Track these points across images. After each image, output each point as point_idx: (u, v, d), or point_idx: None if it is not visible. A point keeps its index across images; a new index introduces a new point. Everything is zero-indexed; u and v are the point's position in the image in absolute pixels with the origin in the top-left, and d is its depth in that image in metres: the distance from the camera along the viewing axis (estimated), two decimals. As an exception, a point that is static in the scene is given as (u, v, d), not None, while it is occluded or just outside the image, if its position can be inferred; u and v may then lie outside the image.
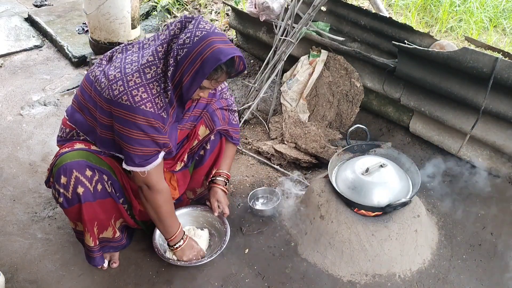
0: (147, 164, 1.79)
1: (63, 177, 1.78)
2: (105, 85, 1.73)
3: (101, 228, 1.96)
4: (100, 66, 1.84)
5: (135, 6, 3.54)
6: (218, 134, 2.21)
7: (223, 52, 1.64)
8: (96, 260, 2.02)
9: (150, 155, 1.79)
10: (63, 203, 1.82)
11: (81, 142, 1.89)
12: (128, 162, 1.79)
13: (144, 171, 1.80)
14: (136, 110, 1.68)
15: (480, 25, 4.02)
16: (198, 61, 1.64)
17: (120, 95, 1.68)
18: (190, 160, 2.20)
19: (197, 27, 1.68)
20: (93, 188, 1.84)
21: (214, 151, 2.23)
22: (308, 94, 2.98)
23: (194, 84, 1.69)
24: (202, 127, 2.14)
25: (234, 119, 2.26)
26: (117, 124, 1.73)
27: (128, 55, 1.80)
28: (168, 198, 1.95)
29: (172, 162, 2.11)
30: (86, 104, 1.84)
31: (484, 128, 2.44)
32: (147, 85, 1.70)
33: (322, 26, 3.12)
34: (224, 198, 2.23)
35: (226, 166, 2.27)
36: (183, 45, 1.66)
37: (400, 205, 2.03)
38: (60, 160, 1.80)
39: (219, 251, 2.08)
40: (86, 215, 1.86)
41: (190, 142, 2.13)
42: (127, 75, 1.70)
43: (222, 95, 2.19)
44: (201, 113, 2.09)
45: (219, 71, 1.70)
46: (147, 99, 1.69)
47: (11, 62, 3.82)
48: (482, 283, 2.06)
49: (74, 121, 1.90)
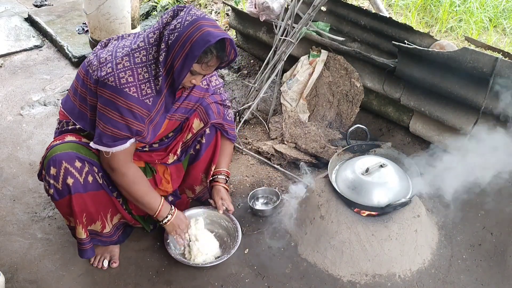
0: (113, 146, 1.81)
1: (52, 168, 1.80)
2: (96, 67, 1.77)
3: (89, 221, 1.97)
4: (95, 51, 1.89)
5: (135, 6, 3.54)
6: (214, 128, 2.21)
7: (212, 34, 1.67)
8: (88, 253, 2.00)
9: (119, 138, 1.80)
10: (54, 195, 1.84)
11: (72, 134, 1.92)
12: (96, 140, 1.82)
13: (108, 151, 1.81)
14: (119, 91, 1.72)
15: (480, 25, 4.02)
16: (188, 44, 1.67)
17: (107, 76, 1.72)
18: (183, 155, 2.20)
19: (188, 13, 1.72)
20: (83, 180, 1.85)
21: (210, 146, 2.23)
22: (308, 94, 2.98)
23: (184, 68, 1.71)
24: (196, 121, 2.14)
25: (229, 115, 2.26)
26: (99, 103, 1.77)
27: (122, 41, 1.85)
28: (136, 179, 1.93)
29: (164, 153, 2.11)
30: (79, 89, 1.87)
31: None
32: (135, 69, 1.74)
33: (322, 26, 3.12)
34: (227, 195, 2.24)
35: (225, 164, 2.28)
36: (174, 30, 1.70)
37: (400, 205, 2.04)
38: (51, 152, 1.82)
39: (236, 247, 2.08)
40: (76, 206, 1.87)
41: (183, 134, 2.13)
42: (117, 58, 1.75)
43: (216, 90, 2.19)
44: (193, 106, 2.08)
45: (209, 54, 1.72)
46: (132, 83, 1.73)
47: (11, 62, 3.82)
48: (482, 283, 2.06)
49: (68, 108, 1.94)
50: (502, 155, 2.07)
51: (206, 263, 2.06)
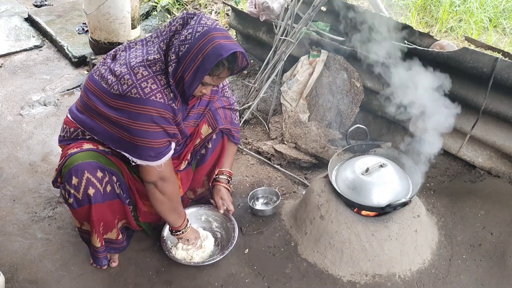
0: (162, 156, 1.79)
1: (74, 178, 1.77)
2: (113, 81, 1.72)
3: (106, 229, 1.96)
4: (105, 64, 1.84)
5: (135, 6, 3.54)
6: (220, 133, 2.21)
7: (224, 48, 1.64)
8: (101, 260, 2.03)
9: (164, 147, 1.79)
10: (73, 204, 1.82)
11: (89, 142, 1.87)
12: (142, 157, 1.77)
13: (160, 164, 1.79)
14: (146, 101, 1.68)
15: (480, 25, 4.02)
16: (199, 57, 1.64)
17: (129, 89, 1.68)
18: (193, 159, 2.21)
19: (198, 23, 1.68)
20: (103, 189, 1.83)
21: (216, 150, 2.24)
22: (308, 94, 2.98)
23: (195, 80, 1.69)
24: (205, 126, 2.14)
25: (236, 118, 2.27)
26: (127, 119, 1.71)
27: (132, 52, 1.80)
28: (178, 187, 2.00)
29: (178, 161, 2.12)
30: (92, 104, 1.81)
31: (484, 128, 2.44)
32: (155, 77, 1.71)
33: (322, 26, 3.12)
34: (228, 195, 2.25)
35: (228, 164, 2.28)
36: (185, 41, 1.67)
37: (400, 205, 2.03)
38: (71, 160, 1.78)
39: (230, 247, 2.09)
40: (95, 215, 1.85)
41: (193, 140, 2.14)
42: (133, 68, 1.71)
43: (223, 92, 2.19)
44: (204, 111, 2.08)
45: (221, 67, 1.69)
46: (156, 90, 1.70)
47: (11, 62, 3.82)
48: (482, 283, 2.05)
49: (81, 122, 1.87)
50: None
51: (200, 262, 2.07)
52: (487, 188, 2.46)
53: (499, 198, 2.39)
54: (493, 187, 2.45)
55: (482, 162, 2.53)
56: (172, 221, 2.04)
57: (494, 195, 2.41)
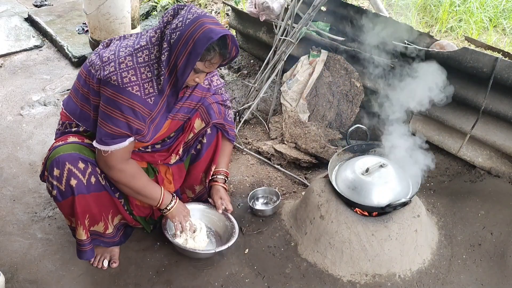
0: (112, 144, 1.81)
1: (56, 169, 1.80)
2: (98, 66, 1.78)
3: (92, 222, 1.97)
4: (97, 51, 1.89)
5: (135, 6, 3.54)
6: (215, 128, 2.22)
7: (214, 31, 1.68)
8: (87, 254, 2.00)
9: (118, 136, 1.80)
10: (57, 196, 1.84)
11: (74, 135, 1.92)
12: (97, 139, 1.82)
13: (107, 150, 1.81)
14: (122, 90, 1.72)
15: (480, 25, 4.02)
16: (190, 42, 1.67)
17: (110, 75, 1.73)
18: (185, 154, 2.20)
19: (188, 11, 1.73)
20: (86, 181, 1.85)
21: (211, 146, 2.23)
22: (308, 94, 2.98)
23: (188, 66, 1.71)
24: (198, 120, 2.14)
25: (229, 115, 2.27)
26: (102, 102, 1.77)
27: (124, 41, 1.85)
28: (134, 173, 1.94)
29: (167, 154, 2.12)
30: (81, 89, 1.87)
31: (484, 128, 2.44)
32: (138, 69, 1.75)
33: (322, 26, 3.12)
34: (226, 195, 2.26)
35: (225, 164, 2.29)
36: (176, 29, 1.70)
37: (400, 205, 2.04)
38: (53, 153, 1.82)
39: (232, 241, 2.09)
40: (79, 207, 1.87)
41: (185, 134, 2.14)
42: (120, 57, 1.75)
43: (217, 90, 2.19)
44: (195, 106, 2.09)
45: (212, 51, 1.72)
46: (135, 82, 1.73)
47: (11, 62, 3.82)
48: (482, 283, 2.05)
49: (70, 109, 1.94)
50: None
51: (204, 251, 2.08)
52: (487, 188, 2.46)
53: (499, 198, 2.39)
54: (493, 187, 2.45)
55: (482, 162, 2.53)
56: (148, 203, 2.05)
57: (494, 195, 2.41)
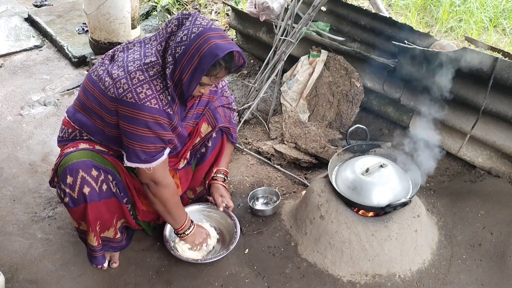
0: (153, 161, 1.80)
1: (69, 177, 1.78)
2: (109, 84, 1.74)
3: (103, 228, 1.97)
4: (103, 65, 1.85)
5: (135, 6, 3.54)
6: (220, 131, 2.23)
7: (221, 48, 1.65)
8: (98, 260, 2.02)
9: (156, 152, 1.80)
10: (69, 203, 1.83)
11: (85, 142, 1.89)
12: (132, 159, 1.79)
13: (150, 167, 1.81)
14: (141, 107, 1.69)
15: (480, 25, 4.02)
16: (196, 58, 1.65)
17: (125, 93, 1.69)
18: (192, 158, 2.21)
19: (193, 23, 1.69)
20: (98, 188, 1.84)
21: (215, 149, 2.25)
22: (308, 94, 2.98)
23: (193, 81, 1.70)
24: (205, 125, 2.15)
25: (234, 117, 2.28)
26: (122, 122, 1.74)
27: (130, 54, 1.81)
28: (175, 191, 1.98)
29: (176, 160, 2.12)
30: (90, 104, 1.84)
31: (484, 128, 2.44)
32: (151, 82, 1.72)
33: (322, 26, 3.12)
34: (226, 192, 2.27)
35: (225, 163, 2.30)
36: (181, 43, 1.68)
37: (400, 205, 2.03)
38: (66, 160, 1.80)
39: (234, 242, 2.10)
40: (91, 214, 1.86)
41: (192, 139, 2.14)
42: (130, 72, 1.72)
43: (223, 92, 2.20)
44: (203, 111, 2.09)
45: (218, 67, 1.71)
46: (151, 96, 1.71)
47: (11, 62, 3.82)
48: (482, 283, 2.05)
49: (78, 122, 1.90)
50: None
51: (204, 259, 2.08)
52: (487, 188, 2.46)
53: (499, 198, 2.39)
54: (493, 187, 2.45)
55: (482, 162, 2.53)
56: (170, 223, 2.06)
57: (494, 195, 2.41)
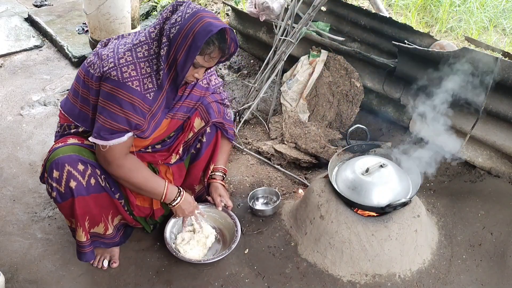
0: (110, 139, 1.79)
1: (55, 171, 1.79)
2: (98, 65, 1.77)
3: (92, 223, 1.96)
4: (95, 51, 1.89)
5: (135, 6, 3.54)
6: (214, 127, 2.22)
7: (213, 24, 1.68)
8: (87, 256, 2.00)
9: (116, 131, 1.79)
10: (57, 198, 1.84)
11: (74, 136, 1.92)
12: (94, 135, 1.80)
13: (105, 145, 1.79)
14: (122, 85, 1.72)
15: (480, 25, 4.03)
16: (190, 35, 1.68)
17: (109, 70, 1.72)
18: (185, 154, 2.20)
19: (187, 6, 1.74)
20: (86, 182, 1.85)
21: (210, 145, 2.24)
22: (308, 94, 2.98)
23: (188, 60, 1.71)
24: (198, 119, 2.15)
25: (228, 114, 2.28)
26: (100, 98, 1.76)
27: (123, 39, 1.86)
28: (134, 167, 1.92)
29: (167, 154, 2.12)
30: (80, 90, 1.87)
31: (484, 128, 2.44)
32: (138, 64, 1.75)
33: (322, 26, 3.12)
34: (225, 191, 2.26)
35: (223, 161, 2.29)
36: (175, 23, 1.71)
37: (400, 205, 2.03)
38: (53, 155, 1.82)
39: (235, 242, 2.10)
40: (79, 209, 1.86)
41: (185, 134, 2.14)
42: (119, 53, 1.76)
43: (216, 89, 2.20)
44: (194, 105, 2.09)
45: (211, 45, 1.72)
46: (135, 77, 1.73)
47: (11, 62, 3.82)
48: (482, 283, 2.05)
49: (68, 110, 1.93)
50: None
51: (207, 259, 2.08)
52: (487, 188, 2.46)
53: (499, 198, 2.39)
54: (493, 187, 2.45)
55: (482, 162, 2.53)
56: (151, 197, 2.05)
57: (494, 195, 2.41)
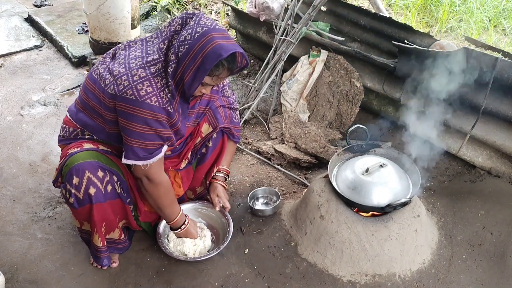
0: (150, 158, 1.79)
1: (75, 177, 1.77)
2: (110, 81, 1.73)
3: (109, 229, 1.96)
4: (104, 63, 1.84)
5: (135, 6, 3.54)
6: (220, 132, 2.22)
7: (224, 48, 1.64)
8: (103, 260, 2.03)
9: (154, 149, 1.79)
10: (74, 204, 1.82)
11: (89, 141, 1.89)
12: (129, 156, 1.79)
13: (146, 164, 1.80)
14: (141, 104, 1.68)
15: (480, 25, 4.03)
16: (199, 57, 1.65)
17: (125, 90, 1.68)
18: (193, 158, 2.21)
19: (198, 23, 1.69)
20: (104, 189, 1.84)
21: (216, 149, 2.24)
22: (308, 94, 2.98)
23: (195, 81, 1.70)
24: (205, 125, 2.15)
25: (236, 117, 2.27)
26: (121, 118, 1.74)
27: (131, 51, 1.81)
28: (168, 189, 1.96)
29: (177, 160, 2.12)
30: (91, 103, 1.84)
31: (484, 128, 2.44)
32: (152, 79, 1.71)
33: (322, 26, 3.12)
34: (224, 192, 2.25)
35: (226, 162, 2.29)
36: (184, 42, 1.67)
37: (400, 205, 2.03)
38: (71, 160, 1.79)
39: (226, 242, 2.10)
40: (97, 216, 1.85)
41: (193, 139, 2.14)
42: (132, 69, 1.71)
43: (224, 92, 2.20)
44: (204, 110, 2.09)
45: (221, 67, 1.70)
46: (152, 93, 1.70)
47: (11, 62, 3.82)
48: (482, 283, 2.05)
49: (81, 121, 1.90)
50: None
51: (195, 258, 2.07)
52: (487, 188, 2.46)
53: (499, 198, 2.39)
54: (493, 187, 2.45)
55: (482, 162, 2.53)
56: (162, 216, 2.06)
57: (494, 195, 2.41)
